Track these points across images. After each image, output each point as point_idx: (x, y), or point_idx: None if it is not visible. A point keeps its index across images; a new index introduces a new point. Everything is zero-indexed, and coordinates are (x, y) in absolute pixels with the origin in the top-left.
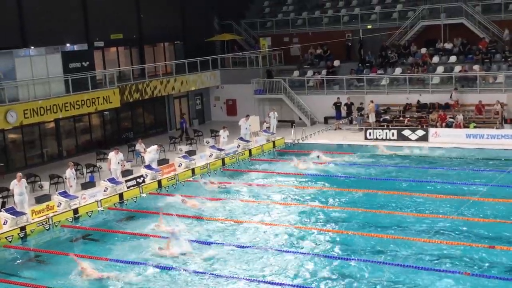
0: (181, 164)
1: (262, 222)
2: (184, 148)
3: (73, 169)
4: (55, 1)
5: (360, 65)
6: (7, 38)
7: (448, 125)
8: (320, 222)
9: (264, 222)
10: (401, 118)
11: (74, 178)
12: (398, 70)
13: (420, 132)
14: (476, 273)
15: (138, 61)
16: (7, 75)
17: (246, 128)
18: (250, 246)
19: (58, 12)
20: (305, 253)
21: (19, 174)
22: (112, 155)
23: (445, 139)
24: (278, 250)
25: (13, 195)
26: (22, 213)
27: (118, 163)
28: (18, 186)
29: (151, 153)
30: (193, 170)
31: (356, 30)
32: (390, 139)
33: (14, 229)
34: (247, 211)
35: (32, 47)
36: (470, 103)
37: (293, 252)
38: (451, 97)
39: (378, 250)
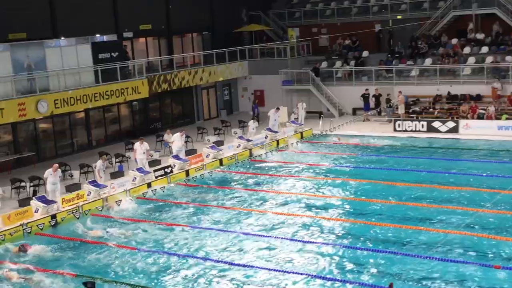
0: (209, 155)
1: (284, 212)
2: (212, 138)
3: (106, 162)
4: None
5: (389, 56)
6: (38, 29)
7: (480, 117)
8: (348, 213)
9: (287, 213)
10: (431, 110)
11: (104, 170)
12: (428, 61)
13: (451, 124)
14: (508, 266)
15: (166, 51)
16: (38, 65)
17: (275, 120)
18: (272, 236)
19: (88, 3)
20: (329, 244)
21: (56, 165)
22: (137, 145)
23: (476, 131)
24: (302, 241)
25: (45, 184)
26: (53, 202)
27: (144, 153)
28: (52, 175)
29: (176, 140)
30: (221, 160)
31: (386, 20)
32: (419, 131)
33: (45, 217)
34: (272, 201)
35: (63, 38)
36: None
37: (316, 243)
38: (493, 86)
39: (404, 241)
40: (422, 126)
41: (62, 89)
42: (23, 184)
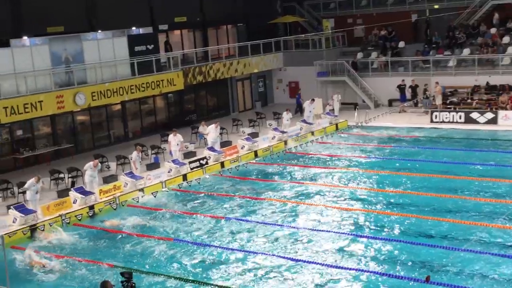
0: (244, 146)
1: (323, 204)
2: (247, 130)
3: (140, 153)
4: None
5: (426, 46)
6: (76, 22)
7: None
8: (384, 206)
9: (326, 205)
10: (469, 101)
11: (140, 162)
12: (466, 51)
13: (489, 115)
14: None
15: (201, 43)
16: (76, 58)
17: (310, 111)
18: (306, 228)
19: None
20: (365, 236)
21: (97, 161)
22: (171, 137)
23: None
24: (344, 233)
25: (83, 175)
26: (91, 193)
27: (177, 144)
28: (92, 169)
29: (211, 132)
30: (255, 152)
31: (423, 10)
32: (457, 122)
33: (83, 208)
34: (307, 193)
35: (99, 31)
36: None
37: (351, 234)
38: None
39: (441, 234)
40: (460, 117)
41: (99, 82)
42: (61, 175)
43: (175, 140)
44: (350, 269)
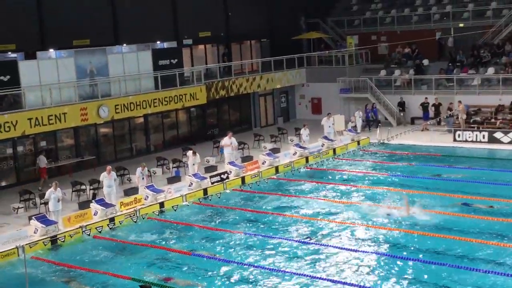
0: (265, 162)
1: (344, 222)
2: (268, 145)
3: (143, 170)
4: (146, 0)
5: (450, 64)
6: (101, 35)
7: None
8: (405, 224)
9: (347, 222)
10: (492, 120)
11: (143, 178)
12: (490, 70)
13: None
14: None
15: (225, 58)
16: (100, 71)
17: (329, 127)
18: (327, 245)
19: (150, 11)
20: (384, 254)
21: (109, 167)
22: (190, 153)
23: None
24: (365, 252)
25: (102, 187)
26: (111, 205)
27: (193, 164)
28: (107, 178)
29: (227, 143)
30: (277, 168)
31: (447, 28)
32: (480, 141)
33: (103, 220)
34: (329, 210)
35: (124, 45)
36: None
37: (369, 252)
38: None
39: (461, 254)
40: (483, 136)
41: (122, 95)
42: (83, 187)
43: (193, 159)
44: None
